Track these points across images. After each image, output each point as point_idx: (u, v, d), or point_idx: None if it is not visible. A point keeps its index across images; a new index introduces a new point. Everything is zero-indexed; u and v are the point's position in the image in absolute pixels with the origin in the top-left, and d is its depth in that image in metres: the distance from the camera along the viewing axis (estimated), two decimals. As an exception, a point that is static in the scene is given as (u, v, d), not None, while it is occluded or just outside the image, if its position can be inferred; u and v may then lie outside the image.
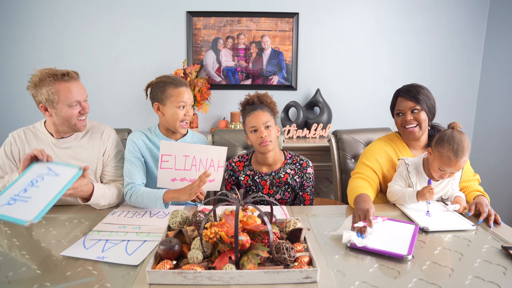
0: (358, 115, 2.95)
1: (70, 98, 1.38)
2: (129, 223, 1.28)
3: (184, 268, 0.91)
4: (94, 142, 1.53)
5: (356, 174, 1.54)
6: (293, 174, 1.60)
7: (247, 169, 1.64)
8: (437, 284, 0.91)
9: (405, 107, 1.50)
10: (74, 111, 1.40)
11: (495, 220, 1.28)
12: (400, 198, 1.41)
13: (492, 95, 2.84)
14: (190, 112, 1.55)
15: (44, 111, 1.41)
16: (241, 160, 1.67)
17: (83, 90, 1.43)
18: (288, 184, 1.61)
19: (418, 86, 1.52)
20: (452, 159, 1.29)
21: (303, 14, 2.80)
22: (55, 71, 1.37)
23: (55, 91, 1.36)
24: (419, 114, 1.49)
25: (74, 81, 1.40)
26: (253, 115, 1.54)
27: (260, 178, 1.62)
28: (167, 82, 1.52)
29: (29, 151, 1.42)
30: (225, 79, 2.87)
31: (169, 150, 1.42)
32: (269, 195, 1.62)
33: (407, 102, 1.50)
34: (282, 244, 0.95)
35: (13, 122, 2.74)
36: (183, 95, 1.51)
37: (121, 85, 2.82)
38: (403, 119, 1.52)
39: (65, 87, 1.37)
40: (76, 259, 1.03)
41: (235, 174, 1.66)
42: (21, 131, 1.49)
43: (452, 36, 2.86)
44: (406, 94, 1.51)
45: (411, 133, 1.52)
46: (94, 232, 1.21)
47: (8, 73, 2.75)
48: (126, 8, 2.72)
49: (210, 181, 1.47)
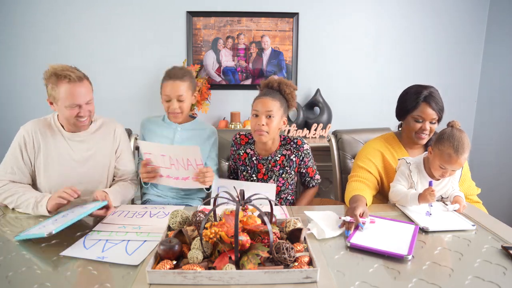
0: (358, 115, 2.94)
1: (69, 100, 1.37)
2: (129, 223, 1.28)
3: (184, 268, 0.91)
4: (107, 138, 1.56)
5: (352, 178, 1.54)
6: (289, 154, 1.61)
7: (248, 147, 1.65)
8: (437, 284, 0.91)
9: (428, 116, 1.46)
10: (72, 112, 1.40)
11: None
12: (402, 200, 1.41)
13: (492, 95, 2.84)
14: (174, 105, 1.59)
15: (50, 105, 1.44)
16: (247, 136, 1.69)
17: (84, 93, 1.41)
18: (283, 167, 1.61)
19: (437, 91, 1.48)
20: (453, 156, 1.29)
21: (303, 14, 2.79)
22: (60, 70, 1.37)
23: (57, 89, 1.37)
24: (434, 124, 1.48)
25: (75, 84, 1.38)
26: (261, 100, 1.51)
27: (257, 161, 1.63)
28: (164, 76, 1.63)
29: (44, 142, 1.45)
30: (225, 79, 2.87)
31: (149, 149, 1.49)
32: (262, 180, 1.62)
33: (433, 111, 1.45)
34: (282, 244, 0.95)
35: (12, 121, 2.74)
36: (165, 89, 1.61)
37: (121, 85, 2.82)
38: (421, 126, 1.48)
39: (65, 89, 1.37)
40: (76, 259, 1.03)
41: (235, 147, 1.68)
42: (33, 123, 1.48)
43: (452, 36, 2.86)
44: (433, 102, 1.45)
45: (420, 139, 1.51)
46: (94, 232, 1.20)
47: (8, 73, 2.75)
48: (126, 8, 2.72)
49: (185, 179, 1.50)
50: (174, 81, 1.58)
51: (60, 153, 1.47)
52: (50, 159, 1.46)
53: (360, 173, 1.54)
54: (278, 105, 1.52)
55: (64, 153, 1.47)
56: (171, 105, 1.60)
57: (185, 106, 1.62)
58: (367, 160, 1.56)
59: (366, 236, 1.16)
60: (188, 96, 1.62)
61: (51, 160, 1.46)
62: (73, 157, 1.48)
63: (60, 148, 1.47)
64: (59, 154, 1.47)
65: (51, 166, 1.46)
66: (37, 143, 1.45)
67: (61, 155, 1.47)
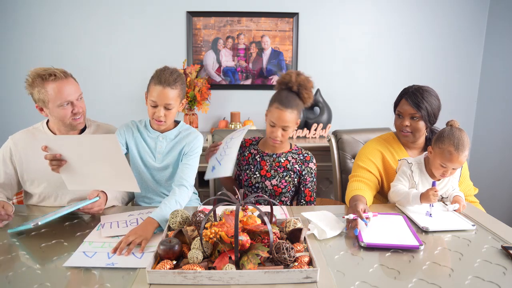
0: (358, 115, 2.95)
1: (59, 99, 1.34)
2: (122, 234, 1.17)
3: (184, 268, 0.91)
4: None
5: (353, 178, 1.55)
6: (293, 162, 1.60)
7: (252, 147, 1.66)
8: (437, 284, 0.91)
9: (406, 111, 1.49)
10: (66, 111, 1.37)
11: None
12: (403, 199, 1.41)
13: (492, 94, 2.84)
14: (160, 113, 1.43)
15: (40, 111, 1.40)
16: (251, 139, 1.70)
17: (74, 89, 1.38)
18: (287, 170, 1.59)
19: (426, 91, 1.47)
20: (453, 154, 1.29)
21: (303, 14, 2.80)
22: (43, 71, 1.34)
23: (45, 91, 1.33)
24: (417, 122, 1.48)
25: (62, 81, 1.35)
26: (279, 112, 1.47)
27: (260, 158, 1.62)
28: (153, 77, 1.46)
29: (32, 154, 1.42)
30: (225, 79, 2.87)
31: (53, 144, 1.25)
32: (265, 177, 1.60)
33: (409, 107, 1.47)
34: (282, 244, 0.95)
35: (11, 122, 2.74)
36: (153, 93, 1.43)
37: (121, 85, 2.82)
38: (401, 122, 1.51)
39: (53, 88, 1.33)
40: (76, 259, 1.03)
41: (240, 150, 1.67)
42: (22, 133, 1.47)
43: (452, 36, 2.86)
44: (410, 98, 1.47)
45: (405, 137, 1.54)
46: (86, 242, 1.13)
47: (7, 73, 2.75)
48: (126, 8, 2.72)
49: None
50: (164, 87, 1.41)
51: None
52: (39, 168, 1.42)
53: (361, 173, 1.54)
54: (295, 116, 1.50)
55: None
56: (156, 112, 1.44)
57: (171, 114, 1.47)
58: (367, 160, 1.56)
59: (373, 233, 1.17)
60: (176, 105, 1.47)
61: (40, 169, 1.42)
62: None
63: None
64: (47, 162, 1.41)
65: (41, 174, 1.43)
66: (25, 154, 1.43)
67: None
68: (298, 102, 1.51)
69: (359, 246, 1.12)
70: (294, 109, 1.49)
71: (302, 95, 1.52)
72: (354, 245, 1.13)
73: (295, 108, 1.49)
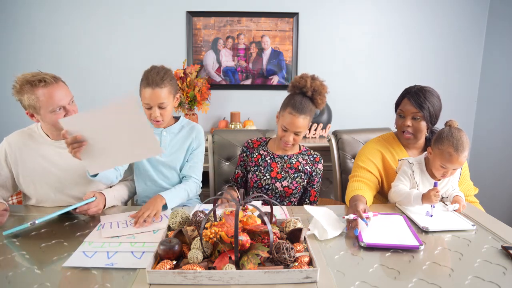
0: (358, 115, 2.95)
1: (51, 104, 1.31)
2: (123, 234, 1.19)
3: (184, 268, 0.91)
4: None
5: (353, 178, 1.55)
6: (304, 163, 1.60)
7: (261, 148, 1.64)
8: (437, 284, 0.91)
9: (408, 111, 1.48)
10: (59, 116, 1.33)
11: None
12: (405, 200, 1.40)
13: (492, 95, 2.84)
14: (156, 113, 1.46)
15: (31, 117, 1.38)
16: (258, 140, 1.69)
17: (65, 93, 1.36)
18: (298, 172, 1.59)
19: (428, 91, 1.47)
20: (453, 155, 1.29)
21: (303, 14, 2.80)
22: (32, 77, 1.31)
23: (35, 97, 1.30)
24: (419, 122, 1.47)
25: (53, 86, 1.32)
26: (293, 118, 1.46)
27: (271, 159, 1.60)
28: (142, 79, 1.50)
29: (27, 154, 1.42)
30: (225, 79, 2.87)
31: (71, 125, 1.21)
32: (276, 179, 1.58)
33: (411, 107, 1.47)
34: (282, 244, 0.95)
35: (12, 122, 2.74)
36: (145, 95, 1.46)
37: (121, 85, 2.82)
38: (402, 122, 1.51)
39: (43, 93, 1.30)
40: (76, 259, 1.03)
41: (248, 151, 1.65)
42: (17, 135, 1.46)
43: (452, 36, 2.86)
44: (412, 98, 1.47)
45: (406, 140, 1.54)
46: (86, 243, 1.13)
47: (7, 73, 2.74)
48: (126, 8, 2.72)
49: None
50: (154, 88, 1.44)
51: (45, 162, 1.43)
52: (35, 168, 1.42)
53: (361, 173, 1.54)
54: (308, 121, 1.50)
55: (49, 162, 1.43)
56: (152, 113, 1.47)
57: (167, 112, 1.51)
58: (367, 160, 1.56)
59: (373, 233, 1.17)
60: (169, 101, 1.50)
61: (36, 169, 1.42)
62: (60, 164, 1.44)
63: (46, 157, 1.43)
64: (44, 163, 1.42)
65: (38, 174, 1.43)
66: (20, 155, 1.42)
67: (46, 164, 1.43)
68: (311, 108, 1.51)
69: (359, 246, 1.12)
70: (307, 114, 1.48)
71: (316, 101, 1.51)
72: (354, 245, 1.13)
73: (308, 114, 1.48)
